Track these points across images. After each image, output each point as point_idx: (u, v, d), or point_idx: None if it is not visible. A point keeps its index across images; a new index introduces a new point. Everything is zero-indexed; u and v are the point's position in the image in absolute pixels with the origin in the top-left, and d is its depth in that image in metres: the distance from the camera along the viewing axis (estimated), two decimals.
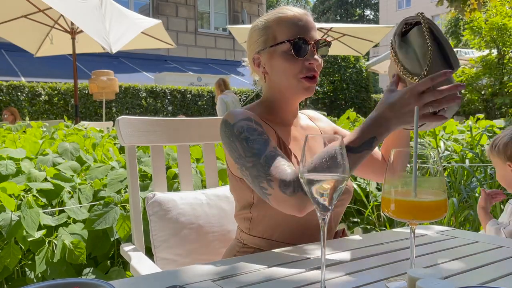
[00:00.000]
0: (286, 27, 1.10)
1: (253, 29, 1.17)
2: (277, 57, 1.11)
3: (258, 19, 1.18)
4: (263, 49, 1.13)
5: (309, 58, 1.10)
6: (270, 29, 1.12)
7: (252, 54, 1.17)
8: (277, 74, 1.13)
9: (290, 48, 1.09)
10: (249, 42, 1.19)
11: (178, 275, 0.82)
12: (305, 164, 0.72)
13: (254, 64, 1.17)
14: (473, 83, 9.26)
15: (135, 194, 1.44)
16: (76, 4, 5.47)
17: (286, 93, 1.15)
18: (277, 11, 1.15)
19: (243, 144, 1.03)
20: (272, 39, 1.12)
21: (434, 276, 0.69)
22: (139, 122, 1.44)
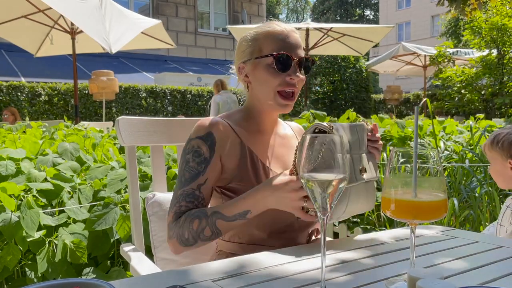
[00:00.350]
0: (272, 41, 1.15)
1: (242, 39, 1.23)
2: (260, 69, 1.16)
3: (249, 31, 1.22)
4: (248, 59, 1.19)
5: (290, 74, 1.14)
6: (257, 41, 1.17)
7: (238, 63, 1.22)
8: (258, 85, 1.18)
9: (273, 62, 1.14)
10: (237, 52, 1.24)
11: (178, 275, 0.82)
12: (304, 164, 0.72)
13: (239, 73, 1.23)
14: (473, 83, 9.26)
15: (135, 194, 1.44)
16: (76, 4, 5.47)
17: (264, 104, 1.20)
18: (267, 25, 1.20)
19: (182, 164, 1.16)
20: (258, 51, 1.17)
21: (434, 276, 0.69)
22: (139, 122, 1.44)
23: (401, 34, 32.24)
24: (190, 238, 1.08)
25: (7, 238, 1.73)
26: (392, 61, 11.61)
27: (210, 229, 1.07)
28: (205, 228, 1.07)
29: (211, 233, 1.07)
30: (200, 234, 1.07)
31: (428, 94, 13.35)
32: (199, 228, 1.07)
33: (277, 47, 1.14)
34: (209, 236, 1.07)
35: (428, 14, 30.38)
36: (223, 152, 1.15)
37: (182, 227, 1.09)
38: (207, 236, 1.07)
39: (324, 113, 3.52)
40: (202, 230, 1.07)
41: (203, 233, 1.07)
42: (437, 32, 27.19)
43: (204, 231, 1.07)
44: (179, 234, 1.09)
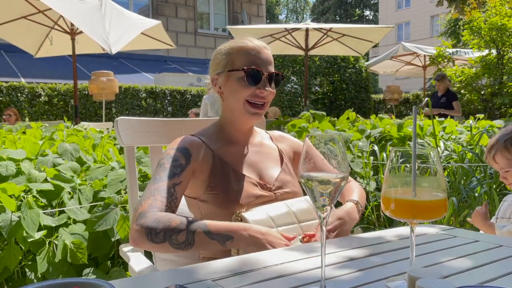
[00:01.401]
0: (244, 56, 1.23)
1: (216, 52, 1.29)
2: (232, 81, 1.23)
3: (224, 44, 1.29)
4: (221, 71, 1.25)
5: (260, 87, 1.21)
6: (230, 55, 1.24)
7: (212, 74, 1.28)
8: (230, 95, 1.25)
9: (245, 76, 1.21)
10: (211, 64, 1.30)
11: (178, 275, 0.82)
12: (304, 164, 0.72)
13: (213, 84, 1.28)
14: (473, 83, 9.26)
15: (134, 195, 1.44)
16: (76, 5, 5.47)
17: (235, 113, 1.27)
18: (240, 40, 1.26)
19: (156, 168, 1.18)
20: (230, 64, 1.23)
21: (434, 276, 0.69)
22: (138, 122, 1.44)
23: (400, 34, 32.23)
24: (161, 234, 1.02)
25: (8, 238, 1.73)
26: (392, 61, 11.60)
27: (186, 235, 1.02)
28: (182, 231, 1.03)
29: (184, 240, 1.03)
30: (173, 235, 1.02)
31: (428, 94, 13.35)
32: (176, 228, 1.03)
33: (249, 62, 1.21)
34: (180, 242, 1.02)
35: (428, 14, 30.37)
36: (196, 166, 1.20)
37: (158, 221, 1.04)
38: (179, 242, 1.02)
39: (324, 113, 3.52)
40: (178, 232, 1.02)
41: (176, 236, 1.02)
42: (436, 32, 27.18)
43: (178, 235, 1.02)
44: (151, 227, 1.03)
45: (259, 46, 1.25)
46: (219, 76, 1.26)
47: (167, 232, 1.02)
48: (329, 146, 0.72)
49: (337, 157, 0.72)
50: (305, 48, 8.51)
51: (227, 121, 1.30)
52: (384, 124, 3.41)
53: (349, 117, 3.84)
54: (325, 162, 0.72)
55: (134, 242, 1.06)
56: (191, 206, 1.31)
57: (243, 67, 1.21)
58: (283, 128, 3.63)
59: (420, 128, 3.24)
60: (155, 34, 6.93)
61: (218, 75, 1.26)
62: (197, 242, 1.03)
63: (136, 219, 1.06)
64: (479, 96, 9.36)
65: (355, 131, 3.29)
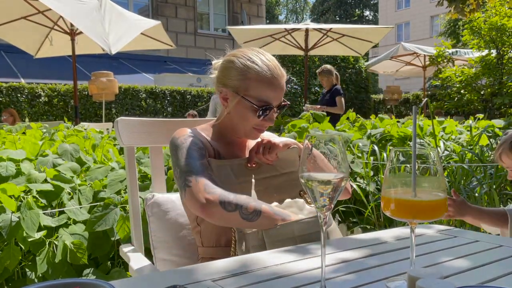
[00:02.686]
0: (261, 88, 1.20)
1: (231, 63, 1.24)
2: (242, 107, 1.23)
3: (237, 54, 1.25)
4: (234, 91, 1.23)
5: (267, 120, 1.23)
6: (247, 80, 1.20)
7: (221, 85, 1.26)
8: (237, 117, 1.25)
9: (256, 109, 1.20)
10: (221, 72, 1.27)
11: (178, 275, 0.82)
12: (304, 164, 0.72)
13: (218, 91, 1.28)
14: (473, 83, 9.26)
15: (134, 195, 1.44)
16: (76, 5, 5.47)
17: (236, 131, 1.29)
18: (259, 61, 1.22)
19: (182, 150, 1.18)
20: (245, 89, 1.21)
21: (434, 276, 0.69)
22: (138, 123, 1.44)
23: (400, 35, 32.24)
24: (233, 203, 1.08)
25: (7, 239, 1.73)
26: (392, 62, 11.61)
27: (255, 206, 1.08)
28: (250, 203, 1.08)
29: (253, 211, 1.07)
30: (243, 205, 1.08)
31: (427, 94, 13.36)
32: (245, 200, 1.09)
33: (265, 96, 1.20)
34: (250, 212, 1.07)
35: (428, 14, 30.38)
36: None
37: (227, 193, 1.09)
38: (248, 212, 1.07)
39: (324, 113, 3.52)
40: (248, 203, 1.08)
41: (246, 207, 1.08)
42: (436, 32, 27.18)
43: (248, 205, 1.08)
44: (224, 195, 1.08)
45: (276, 76, 1.22)
46: (228, 91, 1.24)
47: (237, 202, 1.08)
48: (329, 146, 0.72)
49: (337, 157, 0.72)
50: (305, 48, 8.51)
51: (228, 128, 1.31)
52: (384, 124, 3.41)
53: (350, 117, 3.85)
54: (325, 162, 0.72)
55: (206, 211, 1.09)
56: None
57: (257, 100, 1.20)
58: (283, 128, 3.63)
59: (420, 128, 3.24)
60: (155, 35, 6.93)
61: (228, 90, 1.24)
62: (263, 214, 1.08)
63: (204, 190, 1.09)
64: (479, 96, 9.36)
65: (355, 130, 3.29)
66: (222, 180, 1.19)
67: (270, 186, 1.25)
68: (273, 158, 1.25)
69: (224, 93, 1.25)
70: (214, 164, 1.21)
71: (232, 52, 1.29)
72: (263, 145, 1.26)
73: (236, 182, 1.21)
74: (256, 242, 1.07)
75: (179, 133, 1.26)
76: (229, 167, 1.23)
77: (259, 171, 1.26)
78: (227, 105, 1.25)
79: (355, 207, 2.71)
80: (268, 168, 1.27)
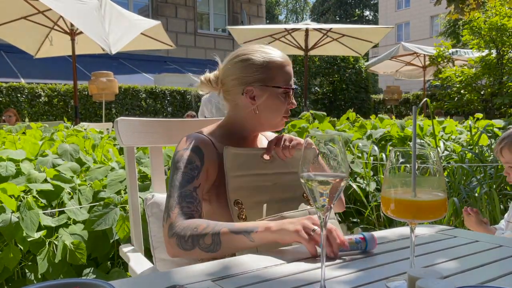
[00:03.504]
0: (283, 73, 1.25)
1: (248, 60, 1.25)
2: (273, 98, 1.24)
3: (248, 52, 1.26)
4: (261, 85, 1.24)
5: (290, 102, 1.28)
6: (270, 70, 1.24)
7: (244, 85, 1.25)
8: (268, 110, 1.26)
9: (283, 93, 1.25)
10: (239, 72, 1.25)
11: (178, 275, 0.82)
12: (304, 164, 0.72)
13: (244, 95, 1.25)
14: (473, 83, 9.27)
15: (133, 195, 1.44)
16: (76, 5, 5.48)
17: (265, 126, 1.29)
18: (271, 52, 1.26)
19: (174, 172, 1.18)
20: (270, 79, 1.24)
21: (434, 276, 0.69)
22: (138, 123, 1.44)
23: (400, 35, 32.24)
24: (189, 241, 1.05)
25: (7, 239, 1.73)
26: (392, 62, 11.61)
27: (212, 237, 1.03)
28: (208, 233, 1.03)
29: (211, 242, 1.03)
30: (201, 239, 1.03)
31: (427, 94, 13.36)
32: (202, 232, 1.04)
33: (286, 79, 1.26)
34: (208, 245, 1.03)
35: (428, 14, 30.38)
36: (208, 166, 1.20)
37: (186, 228, 1.06)
38: (206, 245, 1.03)
39: (324, 113, 3.52)
40: (204, 235, 1.03)
41: (203, 239, 1.03)
42: (436, 32, 27.19)
43: (205, 238, 1.03)
44: (180, 235, 1.06)
45: (289, 61, 1.28)
46: (254, 88, 1.24)
47: (195, 237, 1.04)
48: (329, 147, 0.72)
49: (337, 157, 0.72)
50: (305, 48, 8.51)
51: (241, 127, 1.30)
52: (384, 124, 3.41)
53: (350, 117, 3.85)
54: (325, 162, 0.72)
55: (170, 253, 1.10)
56: None
57: (284, 85, 1.24)
58: (283, 128, 3.63)
59: (420, 128, 3.24)
60: (155, 35, 6.93)
61: (253, 87, 1.24)
62: (224, 241, 1.02)
63: (168, 231, 1.09)
64: (479, 96, 9.37)
65: (355, 131, 3.29)
66: (233, 168, 1.19)
67: (279, 182, 1.25)
68: (290, 154, 1.25)
69: (250, 91, 1.24)
70: (232, 151, 1.21)
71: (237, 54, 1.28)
72: (284, 139, 1.26)
73: (247, 174, 1.21)
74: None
75: (182, 144, 1.23)
76: (245, 156, 1.23)
77: (272, 165, 1.26)
78: (255, 102, 1.24)
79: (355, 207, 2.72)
80: (280, 164, 1.27)
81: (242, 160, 1.22)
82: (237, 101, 1.27)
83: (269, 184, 1.24)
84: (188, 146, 1.21)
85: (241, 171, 1.20)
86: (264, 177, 1.24)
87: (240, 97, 1.26)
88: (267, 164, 1.25)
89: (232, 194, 1.18)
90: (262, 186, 1.23)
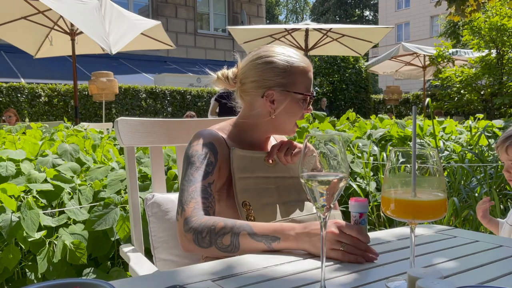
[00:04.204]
0: (305, 79, 1.24)
1: (270, 64, 1.22)
2: (292, 102, 1.23)
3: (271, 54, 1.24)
4: (281, 89, 1.22)
5: (306, 109, 1.27)
6: (292, 75, 1.22)
7: (264, 88, 1.23)
8: (285, 115, 1.24)
9: (303, 100, 1.24)
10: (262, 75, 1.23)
11: (178, 275, 0.82)
12: (304, 164, 0.72)
13: (264, 98, 1.23)
14: (473, 83, 9.27)
15: (134, 195, 1.44)
16: (76, 5, 5.48)
17: (279, 129, 1.28)
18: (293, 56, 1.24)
19: (187, 166, 1.16)
20: (292, 84, 1.22)
21: (434, 276, 0.69)
22: (138, 123, 1.44)
23: (400, 35, 32.24)
24: (207, 238, 1.02)
25: (7, 239, 1.73)
26: (392, 62, 11.61)
27: (230, 238, 1.00)
28: (226, 234, 1.01)
29: (229, 244, 1.00)
30: (218, 238, 1.01)
31: (427, 95, 13.36)
32: (221, 231, 1.01)
33: (307, 85, 1.24)
34: (225, 246, 1.01)
35: (428, 14, 30.38)
36: (221, 163, 1.19)
37: (203, 225, 1.03)
38: (224, 245, 1.01)
39: (324, 113, 3.52)
40: (223, 235, 1.00)
41: (221, 239, 1.01)
42: (436, 32, 27.18)
43: (223, 238, 1.00)
44: (197, 231, 1.03)
45: (310, 65, 1.26)
46: (275, 92, 1.22)
47: (212, 236, 1.02)
48: (329, 147, 0.72)
49: (337, 157, 0.72)
50: (304, 48, 8.51)
51: (254, 128, 1.28)
52: (384, 124, 3.41)
53: (350, 117, 3.85)
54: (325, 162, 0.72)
55: (184, 248, 1.08)
56: None
57: (305, 91, 1.23)
58: None
59: (420, 128, 3.24)
60: (155, 35, 6.93)
61: (274, 91, 1.22)
62: (242, 245, 1.00)
63: (184, 225, 1.06)
64: (479, 96, 9.37)
65: (355, 131, 3.29)
66: (239, 170, 1.18)
67: (280, 186, 1.25)
68: (292, 161, 1.25)
69: (271, 95, 1.22)
70: (238, 153, 1.20)
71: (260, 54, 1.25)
72: (287, 145, 1.25)
73: (252, 176, 1.20)
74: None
75: (195, 138, 1.21)
76: (250, 159, 1.22)
77: (274, 169, 1.25)
78: (275, 106, 1.23)
79: None
80: (283, 168, 1.27)
81: (247, 162, 1.21)
82: (254, 102, 1.25)
83: (273, 187, 1.24)
84: (202, 142, 1.19)
85: (246, 173, 1.19)
86: (267, 180, 1.23)
87: (258, 99, 1.24)
88: (270, 168, 1.25)
89: (239, 196, 1.17)
90: (266, 188, 1.22)
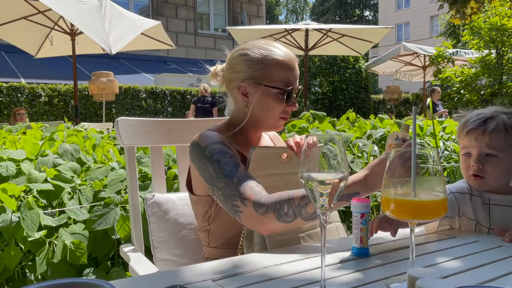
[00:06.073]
0: (281, 71, 1.18)
1: (243, 56, 1.21)
2: (267, 97, 1.19)
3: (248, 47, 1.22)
4: (254, 82, 1.19)
5: (291, 105, 1.21)
6: (266, 67, 1.18)
7: (238, 80, 1.21)
8: (261, 110, 1.21)
9: (281, 94, 1.18)
10: (236, 67, 1.22)
11: (178, 275, 0.83)
12: (304, 164, 0.72)
13: (237, 90, 1.22)
14: (472, 84, 9.27)
15: (134, 195, 1.44)
16: (76, 5, 5.48)
17: (261, 125, 1.25)
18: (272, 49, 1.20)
19: (214, 166, 1.10)
20: (266, 77, 1.18)
21: (434, 276, 0.70)
22: (138, 123, 1.44)
23: (400, 35, 32.24)
24: (290, 212, 1.00)
25: (8, 238, 1.73)
26: (392, 62, 11.61)
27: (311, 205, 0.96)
28: (308, 203, 0.99)
29: (314, 211, 0.99)
30: (302, 209, 1.00)
31: (428, 95, 13.35)
32: (302, 202, 1.00)
33: (287, 79, 1.18)
34: (310, 214, 1.00)
35: (427, 14, 30.38)
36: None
37: (279, 202, 1.01)
38: (309, 214, 1.00)
39: (324, 113, 3.52)
40: (305, 205, 0.99)
41: (305, 209, 1.00)
42: (436, 32, 27.18)
43: (307, 207, 0.99)
44: (277, 208, 1.00)
45: (293, 60, 1.21)
46: (247, 84, 1.19)
47: (295, 208, 1.00)
48: (329, 146, 0.72)
49: (336, 157, 0.72)
50: (304, 48, 8.51)
51: (246, 126, 1.25)
52: (384, 124, 3.41)
53: (349, 117, 3.85)
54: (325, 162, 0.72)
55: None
56: (200, 203, 1.26)
57: (281, 85, 1.17)
58: (283, 128, 3.63)
59: (420, 128, 3.24)
60: (155, 35, 6.94)
61: (246, 83, 1.19)
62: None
63: (257, 210, 1.02)
64: (479, 96, 9.36)
65: (355, 130, 3.29)
66: (254, 168, 1.15)
67: (290, 183, 1.23)
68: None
69: (243, 88, 1.20)
70: (258, 151, 1.16)
71: (239, 47, 1.25)
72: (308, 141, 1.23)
73: (262, 174, 1.17)
74: (257, 239, 1.07)
75: (203, 141, 1.16)
76: (263, 155, 1.18)
77: (286, 165, 1.23)
78: (249, 100, 1.20)
79: None
80: (293, 164, 1.24)
81: (262, 159, 1.18)
82: (235, 97, 1.25)
83: (280, 184, 1.22)
84: (212, 141, 1.16)
85: (257, 172, 1.16)
86: (277, 177, 1.20)
87: (236, 93, 1.23)
88: (283, 164, 1.21)
89: None
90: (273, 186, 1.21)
